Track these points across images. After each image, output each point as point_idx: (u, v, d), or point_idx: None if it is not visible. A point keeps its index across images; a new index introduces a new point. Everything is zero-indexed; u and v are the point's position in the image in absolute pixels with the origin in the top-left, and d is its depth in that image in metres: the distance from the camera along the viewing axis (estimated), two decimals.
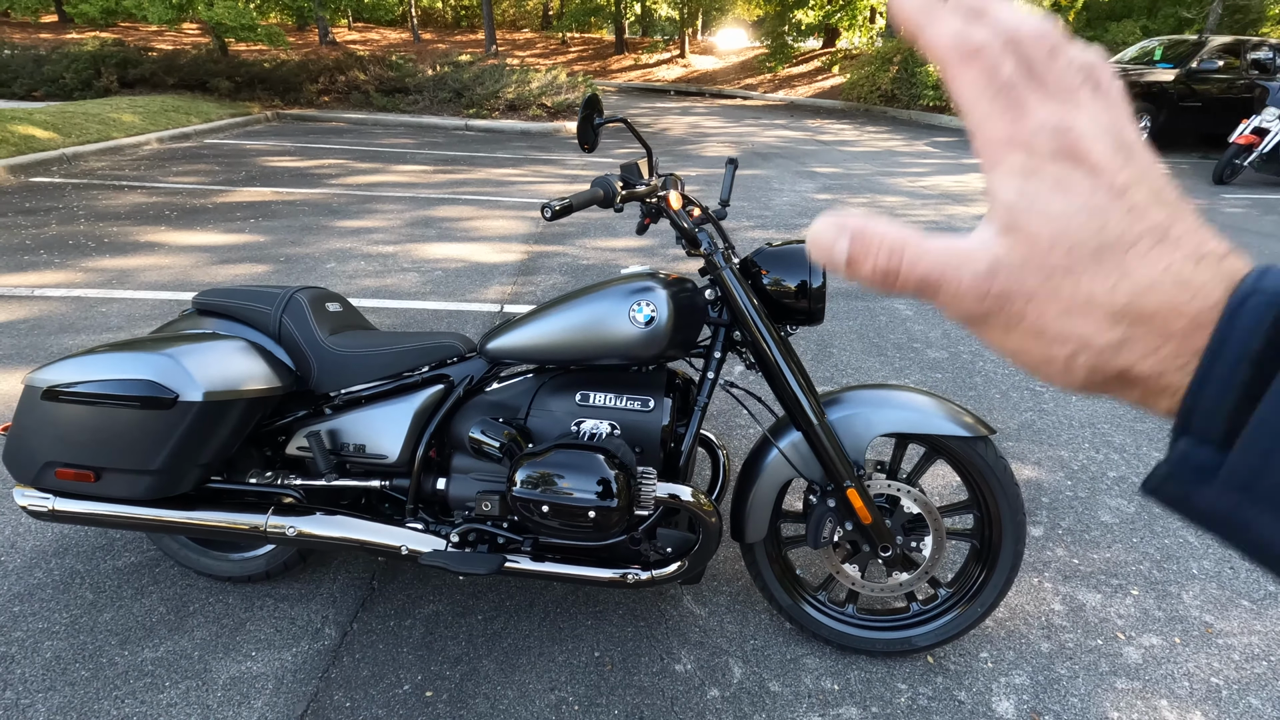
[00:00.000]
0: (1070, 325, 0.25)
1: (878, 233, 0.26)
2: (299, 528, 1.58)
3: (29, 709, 1.50)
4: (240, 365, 1.49)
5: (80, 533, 2.01)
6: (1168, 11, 14.79)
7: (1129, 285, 0.24)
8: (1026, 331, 0.25)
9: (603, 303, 1.47)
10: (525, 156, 8.35)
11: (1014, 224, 0.25)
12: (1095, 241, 0.24)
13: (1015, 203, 0.25)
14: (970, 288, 0.25)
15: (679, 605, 1.85)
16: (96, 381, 1.40)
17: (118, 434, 1.43)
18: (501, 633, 1.74)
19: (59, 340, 3.16)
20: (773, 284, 1.54)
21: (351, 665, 1.64)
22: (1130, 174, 0.24)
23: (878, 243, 0.26)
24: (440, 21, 28.08)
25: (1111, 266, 0.24)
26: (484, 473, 1.62)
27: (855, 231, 0.26)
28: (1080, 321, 0.24)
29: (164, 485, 1.50)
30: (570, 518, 1.37)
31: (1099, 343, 0.24)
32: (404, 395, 1.64)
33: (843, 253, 0.26)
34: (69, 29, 17.75)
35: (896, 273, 0.26)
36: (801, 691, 1.61)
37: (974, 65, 0.25)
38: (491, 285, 4.08)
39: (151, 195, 5.80)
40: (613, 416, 1.52)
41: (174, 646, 1.67)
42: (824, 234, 0.27)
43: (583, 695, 1.59)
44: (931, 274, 0.25)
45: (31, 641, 1.67)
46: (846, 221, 0.27)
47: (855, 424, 1.55)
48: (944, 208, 6.27)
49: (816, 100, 16.44)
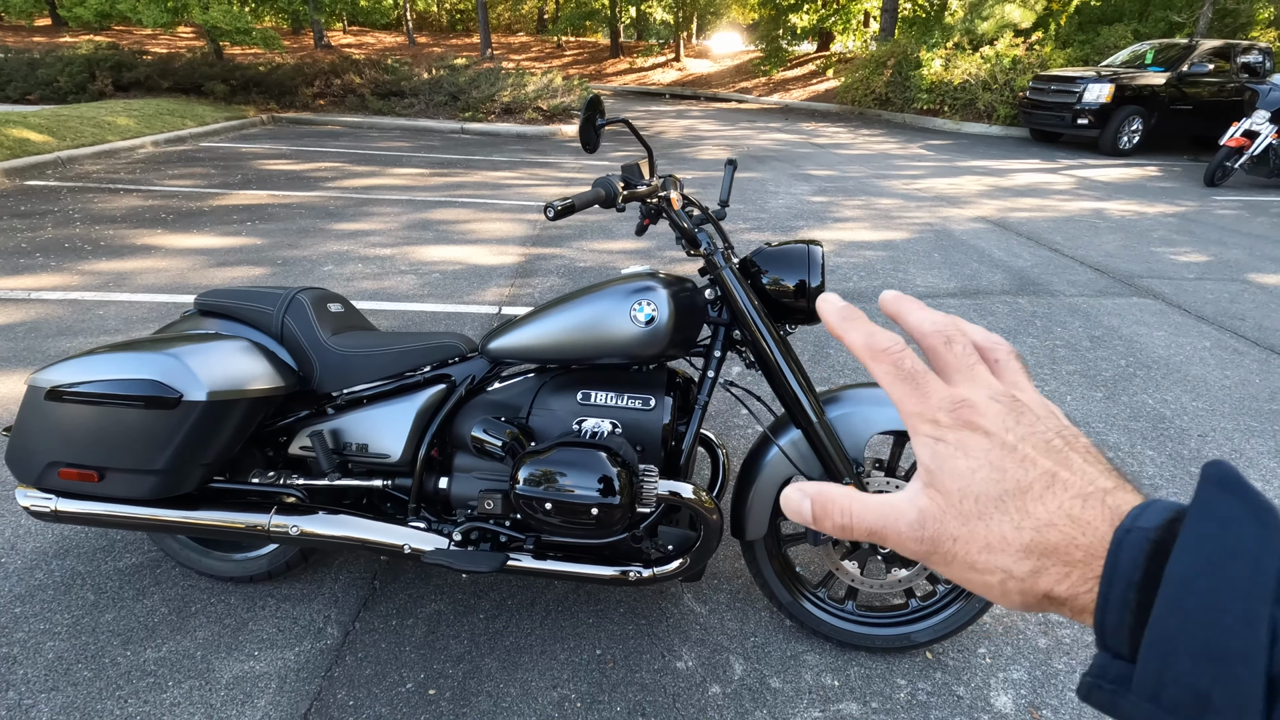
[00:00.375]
0: (993, 559, 0.29)
1: (830, 496, 0.32)
2: (302, 527, 1.58)
3: (32, 709, 1.50)
4: (244, 365, 1.50)
5: (81, 534, 2.01)
6: (1158, 15, 14.91)
7: (1030, 524, 0.28)
8: (962, 565, 0.30)
9: (604, 302, 1.48)
10: (522, 159, 8.36)
11: (931, 481, 0.30)
12: (996, 490, 0.29)
13: (930, 463, 0.30)
14: (907, 534, 0.30)
15: (679, 603, 1.86)
16: (100, 381, 1.41)
17: (121, 434, 1.44)
18: (503, 631, 1.75)
19: (56, 343, 3.16)
20: (772, 284, 1.55)
21: (354, 664, 1.64)
22: (1019, 432, 0.29)
23: (831, 504, 0.32)
24: (435, 25, 28.10)
25: (1013, 510, 0.28)
26: (486, 472, 1.63)
27: (814, 496, 0.33)
28: (999, 557, 0.28)
29: (167, 485, 1.51)
30: (573, 515, 1.38)
31: (1019, 573, 0.28)
32: (406, 395, 1.65)
33: (808, 513, 0.33)
34: (61, 32, 17.71)
35: (850, 526, 0.32)
36: (802, 687, 1.63)
37: (883, 361, 0.32)
38: (489, 287, 4.09)
39: (147, 198, 5.79)
40: (614, 415, 1.53)
41: (176, 647, 1.67)
42: (792, 500, 0.33)
43: (585, 693, 1.60)
44: (875, 525, 0.31)
45: (33, 642, 1.67)
46: (807, 489, 0.33)
47: (854, 422, 1.57)
48: (938, 210, 6.31)
49: (811, 103, 16.51)
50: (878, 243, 5.22)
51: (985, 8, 12.95)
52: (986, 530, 0.29)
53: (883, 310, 0.36)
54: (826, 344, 3.44)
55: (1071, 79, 9.91)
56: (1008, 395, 0.31)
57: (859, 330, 0.33)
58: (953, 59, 12.78)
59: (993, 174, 8.24)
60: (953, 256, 4.92)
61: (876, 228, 5.65)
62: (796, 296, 1.54)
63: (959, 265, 4.73)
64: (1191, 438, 2.70)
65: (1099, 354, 3.43)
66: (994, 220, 5.99)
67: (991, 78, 12.09)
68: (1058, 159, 9.55)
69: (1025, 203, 6.74)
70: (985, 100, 12.10)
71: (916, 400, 0.31)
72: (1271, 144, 7.39)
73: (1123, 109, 9.51)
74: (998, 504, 0.28)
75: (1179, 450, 2.61)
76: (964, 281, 4.41)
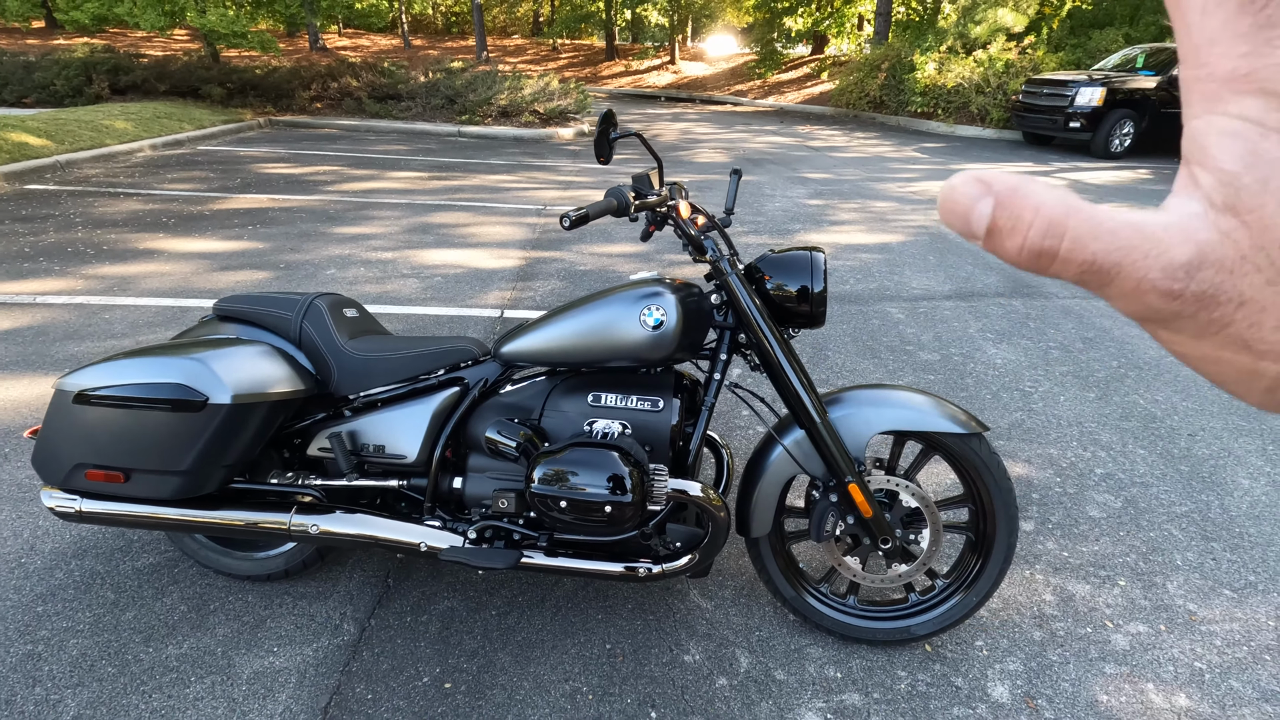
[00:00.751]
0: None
1: (1033, 199, 0.21)
2: (321, 526, 1.63)
3: (59, 704, 1.54)
4: (265, 369, 1.55)
5: (98, 535, 2.05)
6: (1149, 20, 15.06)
7: None
8: (1227, 340, 0.20)
9: (614, 307, 1.54)
10: (519, 163, 8.41)
11: (1237, 202, 0.19)
12: None
13: (1242, 173, 0.19)
14: (1159, 282, 0.20)
15: (686, 599, 1.91)
16: (128, 385, 1.45)
17: (148, 436, 1.48)
18: (515, 627, 1.80)
19: (64, 347, 3.19)
20: (775, 289, 1.61)
21: (371, 659, 1.69)
22: None
23: (1032, 212, 0.21)
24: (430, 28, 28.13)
25: None
26: (499, 472, 1.68)
27: (1003, 194, 0.21)
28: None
29: (191, 485, 1.55)
30: (587, 512, 1.43)
31: None
32: (421, 397, 1.70)
33: (983, 219, 0.21)
34: (55, 34, 17.67)
35: (1055, 253, 0.21)
36: (806, 679, 1.68)
37: None
38: (491, 290, 4.14)
39: (148, 202, 5.82)
40: (624, 416, 1.59)
41: (197, 643, 1.72)
42: (962, 194, 0.21)
43: (596, 685, 1.65)
44: (1104, 259, 0.20)
45: (57, 640, 1.71)
46: (992, 181, 0.21)
47: (855, 422, 1.62)
48: (933, 212, 6.38)
49: (806, 106, 16.61)
50: (873, 245, 5.28)
51: (978, 12, 13.07)
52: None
53: None
54: (825, 347, 3.50)
55: (1063, 83, 10.02)
56: None
57: None
58: (946, 63, 12.89)
59: None
60: (948, 259, 4.99)
61: (872, 230, 5.72)
62: (799, 301, 1.60)
63: (954, 268, 4.80)
64: (1181, 436, 2.77)
65: (1091, 355, 3.50)
66: None
67: (985, 81, 12.20)
68: (1050, 162, 9.65)
69: None
70: (978, 104, 12.21)
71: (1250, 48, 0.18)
72: None
73: (1114, 112, 9.62)
74: None
75: (1169, 449, 2.68)
76: (959, 284, 4.48)
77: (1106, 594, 1.97)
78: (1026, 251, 0.21)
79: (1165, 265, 0.20)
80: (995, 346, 3.55)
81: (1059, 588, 1.98)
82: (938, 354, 3.46)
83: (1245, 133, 0.19)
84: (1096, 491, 2.41)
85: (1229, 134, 0.19)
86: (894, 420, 1.62)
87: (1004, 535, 1.66)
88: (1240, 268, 0.19)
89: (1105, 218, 0.20)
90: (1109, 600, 1.95)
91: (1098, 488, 2.44)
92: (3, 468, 2.33)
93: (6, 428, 2.54)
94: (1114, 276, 0.20)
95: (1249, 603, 1.95)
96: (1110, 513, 2.31)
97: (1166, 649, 1.79)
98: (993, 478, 1.62)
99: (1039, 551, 2.12)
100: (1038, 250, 0.21)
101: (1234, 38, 0.18)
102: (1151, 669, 1.73)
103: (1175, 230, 0.20)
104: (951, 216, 0.22)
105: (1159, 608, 1.93)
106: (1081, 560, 2.09)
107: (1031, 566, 2.06)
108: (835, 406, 1.65)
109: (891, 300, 4.16)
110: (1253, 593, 1.98)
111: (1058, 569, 2.06)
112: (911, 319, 3.89)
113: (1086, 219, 0.20)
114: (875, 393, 1.67)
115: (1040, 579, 2.02)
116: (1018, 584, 1.99)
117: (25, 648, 1.68)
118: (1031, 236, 0.20)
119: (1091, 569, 2.06)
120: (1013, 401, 3.01)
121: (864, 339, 3.61)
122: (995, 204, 0.21)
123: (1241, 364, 0.21)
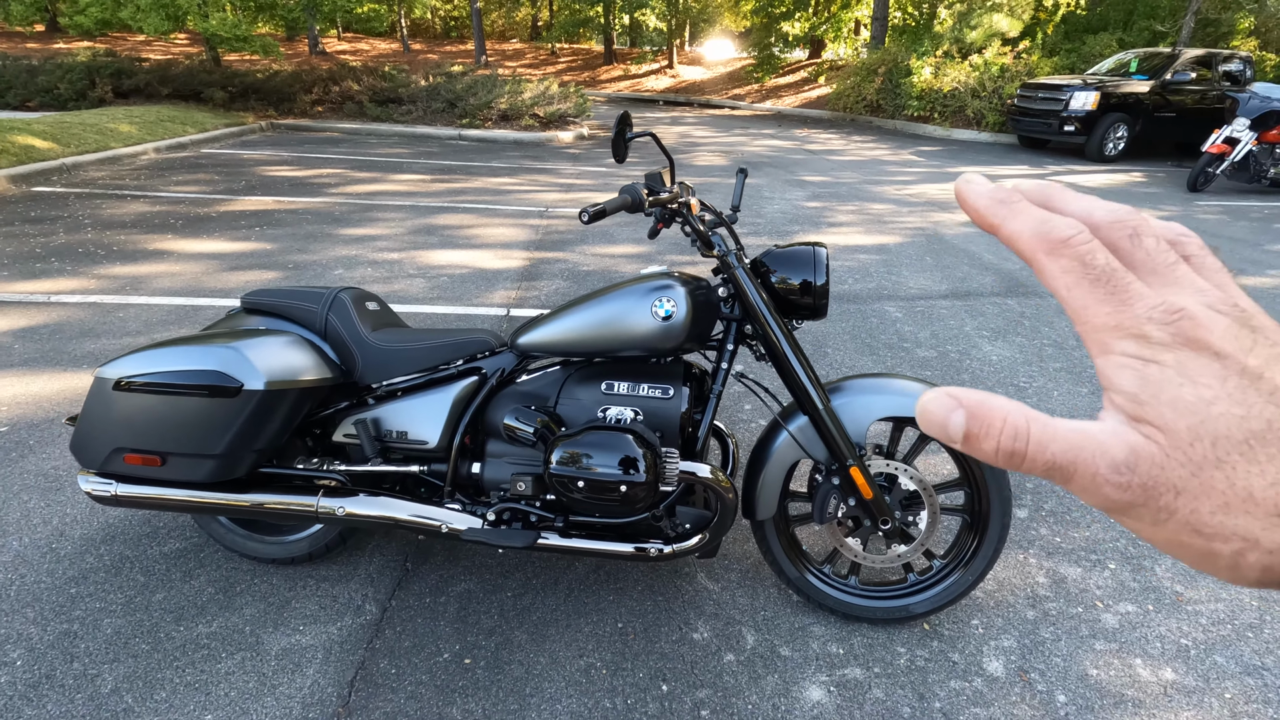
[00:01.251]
0: (1231, 522, 0.22)
1: (999, 411, 0.25)
2: (347, 508, 1.71)
3: (97, 678, 1.62)
4: (296, 358, 1.63)
5: (125, 521, 2.12)
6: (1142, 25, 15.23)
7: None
8: (1180, 526, 0.23)
9: (626, 299, 1.62)
10: (520, 165, 8.50)
11: (1142, 415, 0.23)
12: (1240, 433, 0.22)
13: (1138, 393, 0.24)
14: (1107, 476, 0.23)
15: (693, 582, 1.99)
16: (167, 373, 1.53)
17: (185, 421, 1.56)
18: (531, 607, 1.88)
19: (81, 344, 3.26)
20: (780, 282, 1.69)
21: (394, 637, 1.77)
22: (1261, 355, 0.23)
23: (1000, 421, 0.25)
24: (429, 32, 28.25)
25: (1264, 458, 0.22)
26: (516, 457, 1.76)
27: (972, 407, 0.25)
28: (1241, 519, 0.22)
29: (224, 469, 1.63)
30: (603, 492, 1.51)
31: (1268, 543, 0.22)
32: (441, 386, 1.78)
33: (959, 428, 0.25)
34: (56, 38, 17.75)
35: (1023, 455, 0.24)
36: (809, 655, 1.76)
37: (1063, 256, 0.25)
38: (496, 290, 4.22)
39: (154, 204, 5.89)
40: (635, 403, 1.66)
41: (226, 623, 1.79)
42: (939, 407, 0.25)
43: (610, 661, 1.73)
44: (1061, 458, 0.24)
45: (91, 619, 1.78)
46: (961, 396, 0.25)
47: (856, 408, 1.70)
48: (930, 214, 6.48)
49: (803, 110, 16.74)
50: (871, 246, 5.38)
51: (974, 17, 13.21)
52: (1227, 483, 0.22)
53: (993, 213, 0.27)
54: (825, 344, 3.58)
55: (1058, 87, 10.15)
56: (1231, 304, 0.24)
57: (1025, 218, 0.26)
58: (942, 67, 13.03)
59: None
60: (944, 260, 5.09)
61: (870, 232, 5.81)
62: (802, 294, 1.68)
63: (950, 268, 4.89)
64: None
65: (1084, 352, 3.58)
66: None
67: (980, 85, 12.33)
68: (1045, 165, 9.77)
69: None
70: (974, 107, 12.34)
71: (1111, 309, 0.24)
72: (1251, 150, 7.62)
73: (1108, 116, 9.75)
74: (1243, 450, 0.22)
75: None
76: (955, 284, 4.57)
77: (1097, 576, 2.05)
78: (1001, 453, 0.25)
79: (1109, 462, 0.23)
80: (991, 344, 3.63)
81: (1051, 571, 2.07)
82: (934, 351, 3.54)
83: (1131, 364, 0.24)
84: None
85: (1122, 366, 0.24)
86: (893, 406, 1.70)
87: (998, 516, 1.74)
88: (1167, 463, 0.23)
89: (1058, 425, 0.24)
90: (1099, 582, 2.03)
91: None
92: (29, 459, 2.40)
93: (31, 421, 2.61)
94: (1072, 472, 0.24)
95: (1233, 585, 2.02)
96: None
97: (1154, 627, 1.87)
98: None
99: (1032, 537, 2.21)
100: (1009, 451, 0.24)
101: (1098, 303, 0.24)
102: (1140, 645, 1.81)
103: (1111, 435, 0.24)
104: (930, 426, 0.26)
105: (1147, 589, 2.01)
106: (1073, 545, 2.18)
107: (1025, 551, 2.14)
108: (837, 394, 1.73)
109: (889, 299, 4.25)
110: None
111: (1050, 553, 2.14)
112: (909, 317, 3.97)
113: (1043, 425, 0.24)
114: (875, 381, 1.75)
115: (1034, 563, 2.10)
116: (1012, 567, 2.07)
117: (62, 626, 1.75)
118: (1003, 441, 0.24)
119: (1083, 553, 2.14)
120: (1008, 396, 3.09)
121: (863, 336, 3.69)
122: (967, 415, 0.25)
123: (1198, 546, 0.23)
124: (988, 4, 13.29)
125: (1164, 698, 1.67)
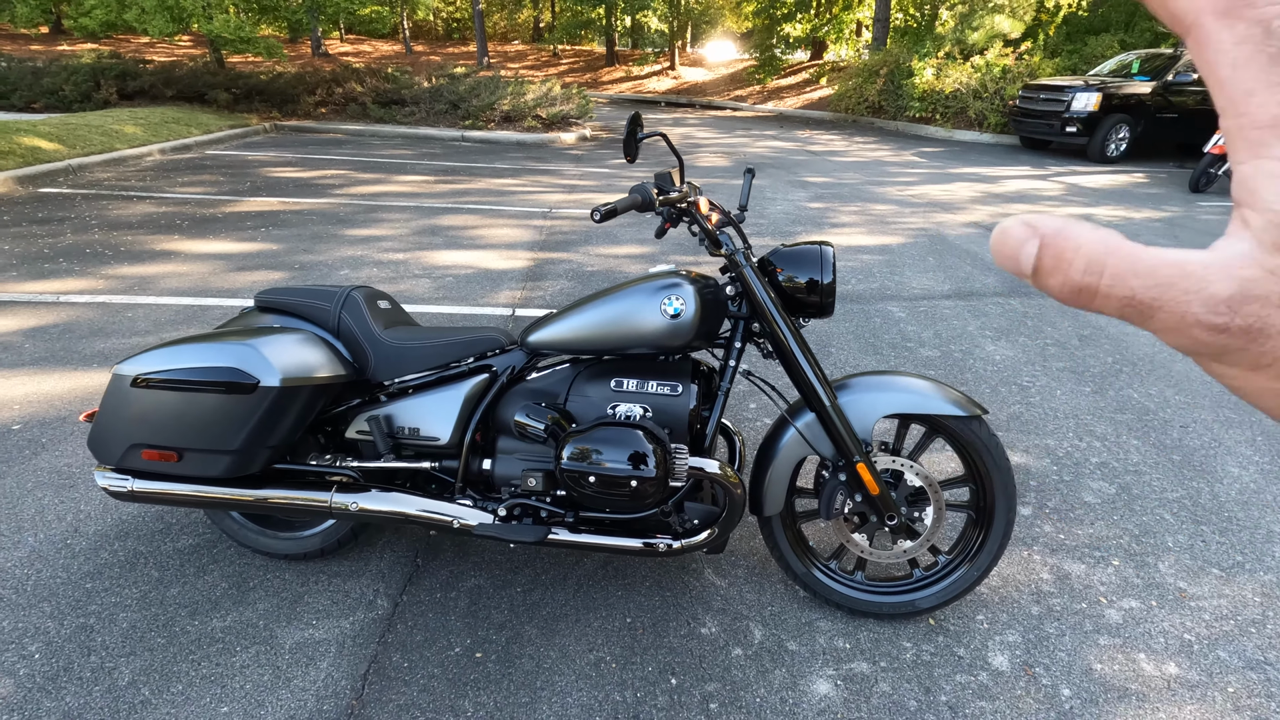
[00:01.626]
0: None
1: (1074, 239, 0.22)
2: (360, 504, 1.73)
3: (114, 671, 1.64)
4: (310, 355, 1.65)
5: (139, 518, 2.15)
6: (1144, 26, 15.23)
7: None
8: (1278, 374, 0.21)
9: (635, 298, 1.64)
10: (523, 167, 8.53)
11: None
12: None
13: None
14: (1202, 316, 0.21)
15: (701, 577, 2.01)
16: (184, 370, 1.56)
17: (201, 417, 1.58)
18: (540, 603, 1.90)
19: (91, 344, 3.29)
20: (787, 280, 1.71)
21: (405, 631, 1.79)
22: None
23: (1073, 251, 0.22)
24: (431, 34, 28.31)
25: None
26: (526, 453, 1.78)
27: (1047, 235, 0.23)
28: None
29: (240, 464, 1.65)
30: (614, 487, 1.53)
31: None
32: (452, 384, 1.80)
33: (1029, 259, 0.23)
34: (59, 40, 17.81)
35: (1095, 289, 0.22)
36: (816, 650, 1.78)
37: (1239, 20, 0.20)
38: (501, 290, 4.24)
39: (160, 205, 5.92)
40: (644, 400, 1.69)
41: (240, 617, 1.81)
42: (1011, 236, 0.23)
43: (619, 655, 1.75)
44: (1143, 295, 0.21)
45: (107, 613, 1.80)
46: (1039, 224, 0.23)
47: (862, 405, 1.72)
48: (932, 215, 6.50)
49: (805, 111, 16.76)
50: (874, 247, 5.40)
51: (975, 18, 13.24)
52: None
53: None
54: (829, 344, 3.60)
55: (1060, 88, 10.17)
56: None
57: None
58: (944, 68, 13.05)
59: (984, 180, 8.45)
60: (947, 260, 5.11)
61: (872, 233, 5.83)
62: (809, 292, 1.70)
63: (953, 268, 4.91)
64: (1174, 428, 2.87)
65: (1087, 351, 3.61)
66: (986, 225, 6.19)
67: (982, 86, 12.35)
68: (1047, 166, 9.78)
69: (1016, 208, 6.94)
70: (976, 109, 12.36)
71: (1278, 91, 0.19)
72: None
73: (1110, 117, 9.76)
74: None
75: (1162, 440, 2.78)
76: (958, 284, 4.59)
77: (1101, 573, 2.07)
78: (1068, 288, 0.22)
79: (1206, 300, 0.20)
80: (994, 343, 3.65)
81: (1056, 567, 2.08)
82: (938, 350, 3.56)
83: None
84: (1092, 479, 2.52)
85: (1277, 176, 0.20)
86: (899, 404, 1.72)
87: (1003, 511, 1.76)
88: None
89: (1145, 256, 0.21)
90: (1103, 579, 2.05)
91: (1093, 475, 2.54)
92: (42, 456, 2.42)
93: (43, 419, 2.64)
94: (1155, 311, 0.21)
95: (1236, 580, 2.05)
96: (1105, 498, 2.41)
97: (1158, 622, 1.89)
98: (992, 458, 1.72)
99: (1036, 534, 2.22)
100: (1078, 286, 0.22)
101: (1270, 87, 0.19)
102: (1143, 640, 1.83)
103: (1216, 267, 0.21)
104: (1003, 258, 0.23)
105: (1151, 585, 2.02)
106: (1077, 542, 2.19)
107: (1029, 548, 2.16)
108: (844, 391, 1.75)
109: (892, 299, 4.27)
110: (1240, 571, 2.08)
111: (1054, 550, 2.16)
112: (912, 317, 3.99)
113: (1125, 257, 0.21)
114: (881, 378, 1.77)
115: (1038, 559, 2.12)
116: (1016, 564, 2.09)
117: (78, 620, 1.78)
118: (1072, 274, 0.22)
119: (1087, 550, 2.16)
120: (1011, 395, 3.12)
121: (866, 336, 3.71)
122: (1040, 245, 0.22)
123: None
124: (989, 5, 13.32)
125: (1167, 692, 1.69)
